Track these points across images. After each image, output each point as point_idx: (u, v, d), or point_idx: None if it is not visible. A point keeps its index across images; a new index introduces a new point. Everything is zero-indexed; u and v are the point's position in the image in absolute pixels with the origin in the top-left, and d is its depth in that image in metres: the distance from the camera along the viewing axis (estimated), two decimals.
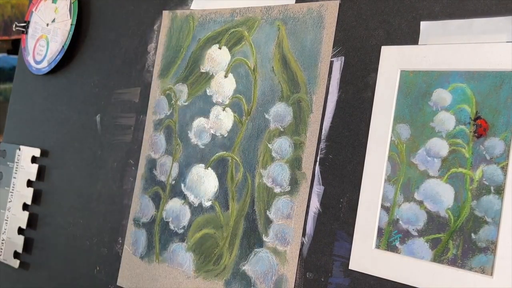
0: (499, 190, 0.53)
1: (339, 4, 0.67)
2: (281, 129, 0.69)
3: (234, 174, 0.73)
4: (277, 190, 0.68)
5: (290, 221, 0.66)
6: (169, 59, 0.84)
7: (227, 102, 0.76)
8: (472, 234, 0.54)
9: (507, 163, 0.53)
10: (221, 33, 0.78)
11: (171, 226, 0.79)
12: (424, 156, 0.58)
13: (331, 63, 0.66)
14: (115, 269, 0.86)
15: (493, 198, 0.53)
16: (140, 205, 0.84)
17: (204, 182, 0.76)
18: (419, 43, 0.60)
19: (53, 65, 1.04)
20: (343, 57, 0.65)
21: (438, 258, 0.55)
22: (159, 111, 0.84)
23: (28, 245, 1.04)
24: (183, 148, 0.80)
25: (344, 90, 0.65)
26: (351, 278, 0.61)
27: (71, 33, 1.01)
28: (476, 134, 0.55)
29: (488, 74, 0.55)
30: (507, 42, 0.54)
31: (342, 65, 0.65)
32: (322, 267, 0.63)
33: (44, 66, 1.06)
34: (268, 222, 0.68)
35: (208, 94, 0.78)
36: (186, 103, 0.81)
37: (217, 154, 0.76)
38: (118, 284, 0.85)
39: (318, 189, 0.65)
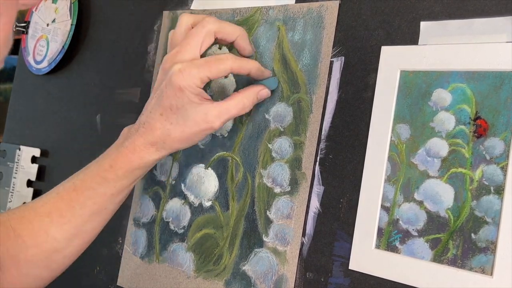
0: (499, 190, 0.53)
1: (339, 4, 0.67)
2: (281, 129, 0.69)
3: (234, 174, 0.73)
4: (277, 190, 0.68)
5: (290, 221, 0.66)
6: None
7: None
8: (472, 234, 0.54)
9: (507, 163, 0.52)
10: None
11: (171, 226, 0.79)
12: (424, 156, 0.58)
13: (331, 63, 0.66)
14: (115, 269, 0.86)
15: (493, 198, 0.53)
16: (140, 205, 0.84)
17: (204, 182, 0.76)
18: (419, 43, 0.60)
19: (53, 65, 1.04)
20: (343, 57, 0.65)
21: (438, 258, 0.55)
22: None
23: None
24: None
25: (344, 90, 0.65)
26: (351, 278, 0.61)
27: (71, 33, 1.01)
28: (476, 134, 0.55)
29: (488, 74, 0.55)
30: (507, 42, 0.54)
31: (342, 65, 0.65)
32: (322, 267, 0.63)
33: (44, 66, 1.06)
34: (268, 222, 0.68)
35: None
36: None
37: (217, 154, 0.76)
38: (118, 284, 0.85)
39: (318, 189, 0.65)
